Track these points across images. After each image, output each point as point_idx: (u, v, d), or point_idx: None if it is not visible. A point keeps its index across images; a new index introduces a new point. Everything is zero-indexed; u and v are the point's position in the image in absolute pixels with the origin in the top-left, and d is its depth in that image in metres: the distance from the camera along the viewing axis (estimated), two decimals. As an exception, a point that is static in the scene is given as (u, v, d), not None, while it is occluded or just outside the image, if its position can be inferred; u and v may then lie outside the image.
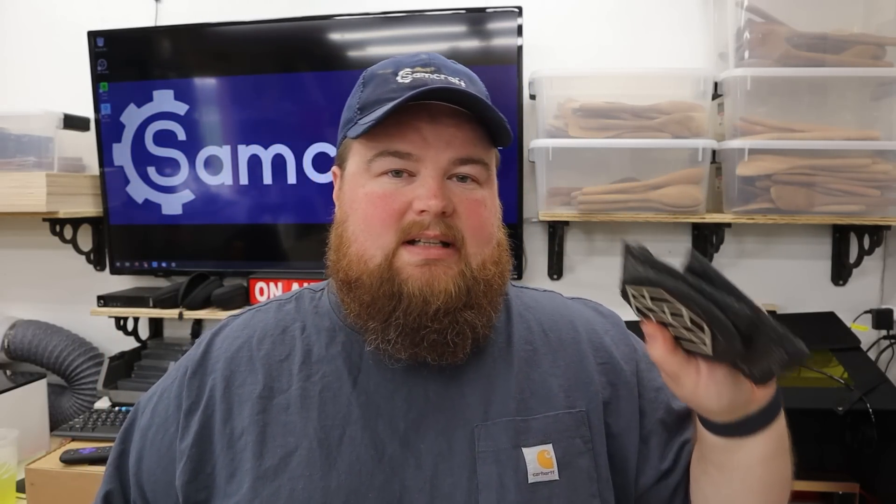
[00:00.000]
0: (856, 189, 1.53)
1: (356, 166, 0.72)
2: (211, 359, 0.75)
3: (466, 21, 1.71)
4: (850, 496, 1.33)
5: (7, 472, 1.49)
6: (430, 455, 0.68)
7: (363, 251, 0.69)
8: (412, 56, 0.74)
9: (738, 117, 1.55)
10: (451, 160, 0.69)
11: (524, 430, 0.70)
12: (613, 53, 1.79)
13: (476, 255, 0.70)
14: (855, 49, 1.53)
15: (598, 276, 1.85)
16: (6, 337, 1.97)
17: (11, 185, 1.75)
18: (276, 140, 1.81)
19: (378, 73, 0.74)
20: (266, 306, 0.81)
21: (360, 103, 0.73)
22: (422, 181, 0.68)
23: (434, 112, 0.69)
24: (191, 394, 0.73)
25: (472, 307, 0.69)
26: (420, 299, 0.67)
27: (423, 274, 0.67)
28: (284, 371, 0.73)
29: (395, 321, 0.67)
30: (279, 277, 1.83)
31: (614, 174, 1.63)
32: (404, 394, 0.71)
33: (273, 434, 0.69)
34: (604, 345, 0.78)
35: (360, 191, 0.70)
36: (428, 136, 0.68)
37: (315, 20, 1.78)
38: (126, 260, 1.93)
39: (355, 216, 0.71)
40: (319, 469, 0.67)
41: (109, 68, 1.86)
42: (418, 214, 0.67)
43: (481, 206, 0.71)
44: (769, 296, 1.79)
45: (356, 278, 0.69)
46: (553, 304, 0.82)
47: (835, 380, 1.36)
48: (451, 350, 0.69)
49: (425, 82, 0.69)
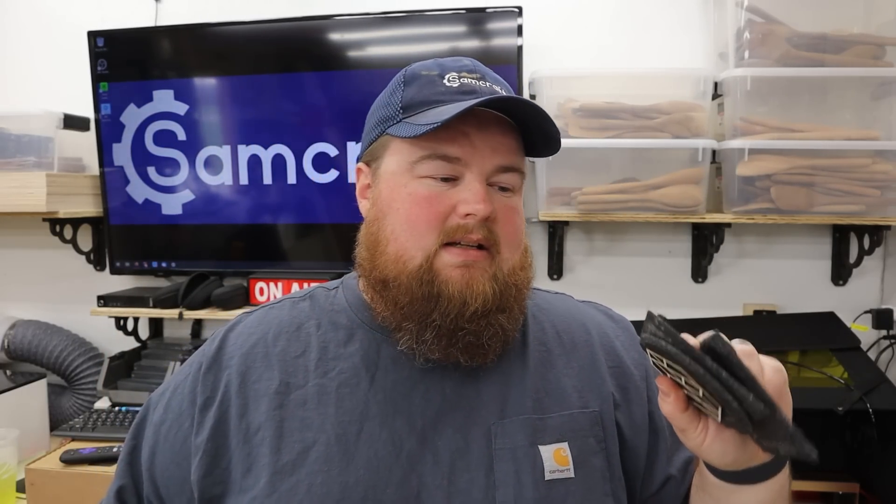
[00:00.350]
0: (856, 189, 1.53)
1: (397, 165, 0.72)
2: (226, 354, 0.76)
3: (466, 21, 1.71)
4: (850, 496, 1.33)
5: (7, 472, 1.49)
6: (447, 452, 0.69)
7: (403, 251, 0.69)
8: (455, 60, 0.75)
9: (738, 117, 1.55)
10: (496, 167, 0.70)
11: (541, 428, 0.71)
12: (613, 53, 1.79)
13: (508, 259, 0.71)
14: (855, 49, 1.53)
15: (598, 276, 1.85)
16: (6, 337, 1.97)
17: (11, 185, 1.75)
18: (276, 140, 1.81)
19: (422, 73, 0.74)
20: (280, 303, 0.81)
21: (402, 102, 0.72)
22: (467, 185, 0.69)
23: (482, 118, 0.70)
24: (206, 389, 0.73)
25: (504, 310, 0.70)
26: (459, 301, 0.67)
27: (462, 276, 0.68)
28: (300, 367, 0.73)
29: (432, 322, 0.68)
30: (279, 277, 1.83)
31: (614, 174, 1.63)
32: (422, 392, 0.71)
33: (290, 429, 0.70)
34: (614, 349, 0.79)
35: (403, 190, 0.70)
36: (476, 142, 0.69)
37: (315, 20, 1.78)
38: (126, 260, 1.93)
39: (396, 216, 0.70)
40: (337, 464, 0.68)
41: (109, 68, 1.86)
42: (463, 218, 0.68)
43: (516, 213, 0.73)
44: (769, 296, 1.79)
45: (394, 278, 0.70)
46: (565, 307, 0.83)
47: (835, 380, 1.36)
48: (483, 352, 0.70)
49: (474, 89, 0.71)
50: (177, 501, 0.75)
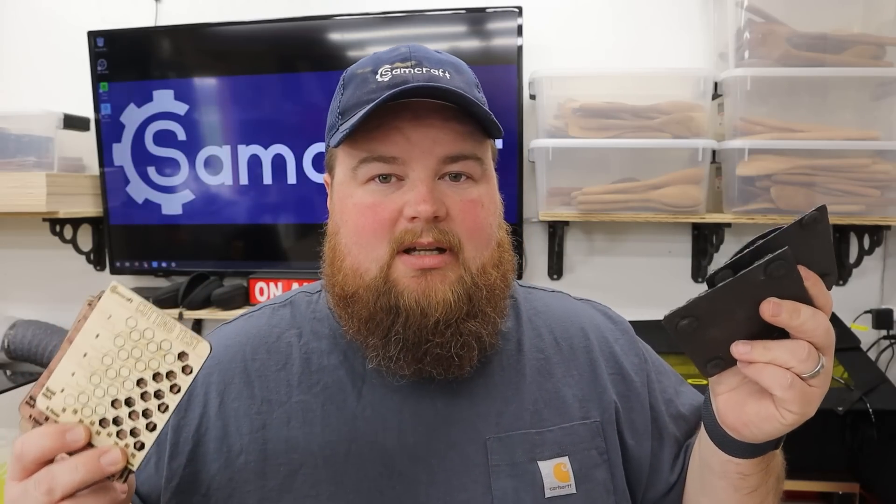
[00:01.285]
0: (856, 189, 1.53)
1: (343, 174, 0.68)
2: (202, 370, 0.71)
3: (466, 21, 1.71)
4: (850, 496, 1.33)
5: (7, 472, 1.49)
6: (442, 470, 0.65)
7: (358, 264, 0.66)
8: (391, 51, 0.69)
9: (738, 117, 1.55)
10: (440, 159, 0.64)
11: (539, 443, 0.68)
12: (613, 53, 1.79)
13: (475, 258, 0.65)
14: (855, 49, 1.53)
15: (598, 276, 1.85)
16: (6, 337, 1.97)
17: (11, 185, 1.75)
18: (276, 140, 1.80)
19: (357, 72, 0.70)
20: (259, 311, 0.76)
21: (340, 107, 0.69)
22: (410, 185, 0.64)
23: (417, 110, 0.64)
24: (179, 409, 0.67)
25: (475, 316, 0.65)
26: (418, 312, 0.63)
27: (418, 285, 0.63)
28: (282, 381, 0.69)
29: (394, 336, 0.64)
30: (279, 277, 1.83)
31: (614, 174, 1.63)
32: (412, 406, 0.67)
33: (275, 451, 0.66)
34: (614, 354, 0.76)
35: (349, 201, 0.67)
36: (412, 137, 0.64)
37: (315, 20, 1.77)
38: (126, 260, 1.93)
39: (346, 228, 0.67)
40: (326, 488, 0.64)
41: (109, 68, 1.86)
42: (410, 221, 0.63)
43: (477, 205, 0.66)
44: (769, 296, 1.78)
45: (353, 293, 0.66)
46: (563, 309, 0.79)
47: (835, 380, 1.37)
48: (456, 364, 0.65)
49: (405, 79, 0.65)
50: None
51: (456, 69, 0.69)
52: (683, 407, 0.78)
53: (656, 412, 0.75)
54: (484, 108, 0.65)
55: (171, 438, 0.67)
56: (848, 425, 1.30)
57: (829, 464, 1.34)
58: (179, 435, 0.68)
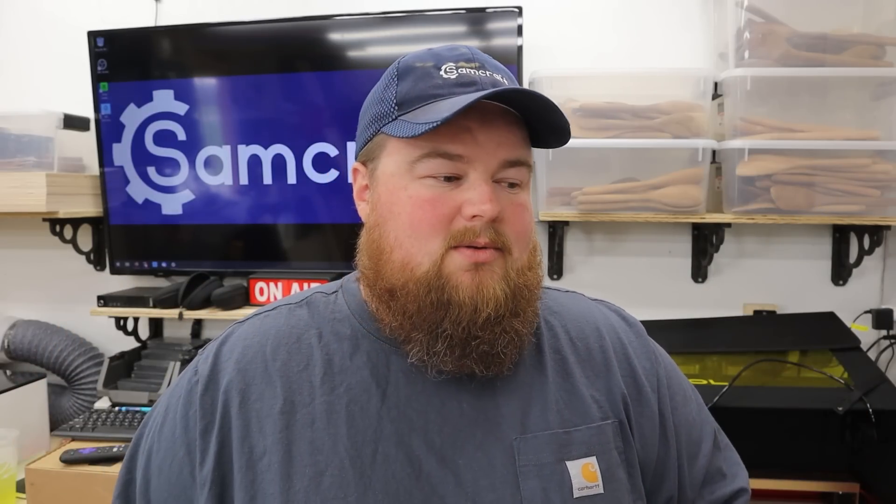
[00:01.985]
0: (856, 189, 1.53)
1: (396, 166, 0.67)
2: (221, 371, 0.69)
3: (466, 21, 1.71)
4: (850, 496, 1.32)
5: (7, 472, 1.49)
6: (469, 471, 0.65)
7: (409, 258, 0.65)
8: (451, 49, 0.69)
9: (738, 117, 1.55)
10: (501, 163, 0.66)
11: (567, 443, 0.67)
12: (613, 53, 1.79)
13: (518, 259, 0.67)
14: (855, 49, 1.53)
15: (599, 276, 1.85)
16: (6, 337, 1.97)
17: (11, 185, 1.75)
18: (276, 140, 1.80)
19: (416, 65, 0.68)
20: (275, 310, 0.75)
21: (398, 97, 0.67)
22: (472, 184, 0.64)
23: (485, 112, 0.65)
24: (205, 413, 0.68)
25: (518, 315, 0.66)
26: (470, 307, 0.63)
27: (472, 280, 0.64)
28: (304, 382, 0.68)
29: (443, 332, 0.64)
30: (279, 277, 1.83)
31: (614, 174, 1.63)
32: (437, 407, 0.67)
33: (300, 453, 0.65)
34: (627, 356, 0.76)
35: (403, 193, 0.66)
36: (479, 138, 0.64)
37: (315, 20, 1.78)
38: (126, 260, 1.93)
39: (398, 221, 0.66)
40: (354, 490, 0.63)
41: (109, 68, 1.86)
42: (469, 220, 0.64)
43: (525, 210, 0.69)
44: (769, 296, 1.79)
45: (402, 286, 0.65)
46: (578, 309, 0.79)
47: (835, 380, 1.36)
48: (499, 361, 0.66)
49: (473, 80, 0.66)
50: None
51: (510, 77, 0.70)
52: (689, 416, 0.78)
53: (665, 418, 0.75)
54: (565, 116, 0.67)
55: (200, 444, 0.67)
56: (848, 425, 1.30)
57: (829, 464, 1.34)
58: (207, 439, 0.67)
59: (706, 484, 0.77)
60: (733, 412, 1.29)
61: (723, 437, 0.82)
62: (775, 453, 1.33)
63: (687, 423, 0.77)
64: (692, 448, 0.77)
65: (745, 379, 1.38)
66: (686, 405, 0.78)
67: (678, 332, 1.65)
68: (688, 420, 0.77)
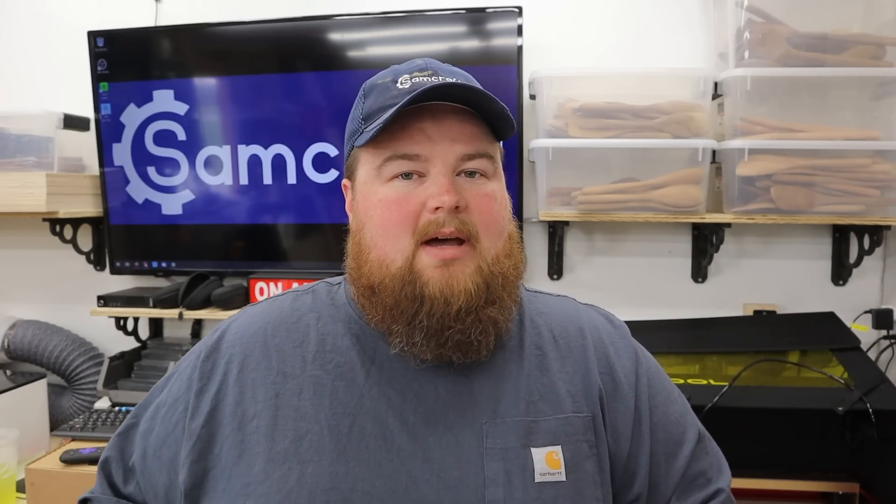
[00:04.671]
0: (856, 189, 1.53)
1: (367, 174, 0.74)
2: (225, 343, 0.78)
3: (466, 21, 1.71)
4: (850, 496, 1.33)
5: (7, 472, 1.49)
6: (438, 448, 0.70)
7: (384, 256, 0.71)
8: (409, 63, 0.76)
9: (738, 117, 1.55)
10: (459, 156, 0.71)
11: (534, 431, 0.71)
12: (613, 53, 1.79)
13: (489, 248, 0.71)
14: (855, 49, 1.53)
15: (598, 277, 1.85)
16: (6, 337, 1.97)
17: (11, 185, 1.75)
18: (276, 140, 1.80)
19: (378, 83, 0.76)
20: (283, 296, 0.83)
21: (363, 114, 0.75)
22: (433, 180, 0.70)
23: (436, 112, 0.71)
24: (203, 376, 0.76)
25: (493, 302, 0.71)
26: (441, 301, 0.68)
27: (442, 275, 0.69)
28: (297, 357, 0.75)
29: (419, 323, 0.69)
30: (279, 277, 1.83)
31: (614, 174, 1.63)
32: (415, 389, 0.72)
33: (285, 417, 0.71)
34: (607, 354, 0.79)
35: (374, 198, 0.72)
36: (433, 135, 0.70)
37: (315, 20, 1.78)
38: (126, 260, 1.93)
39: (372, 223, 0.72)
40: (329, 455, 0.69)
41: (109, 68, 1.86)
42: (433, 213, 0.69)
43: (491, 199, 0.73)
44: (769, 296, 1.79)
45: (379, 282, 0.71)
46: (564, 310, 0.83)
47: (835, 380, 1.36)
48: (475, 348, 0.71)
49: (424, 85, 0.70)
50: (155, 481, 0.77)
51: (467, 80, 0.75)
52: (671, 416, 0.80)
53: (640, 415, 0.77)
54: (500, 102, 0.70)
55: (193, 403, 0.75)
56: (848, 425, 1.30)
57: (829, 464, 1.34)
58: (200, 399, 0.75)
59: (687, 488, 0.78)
60: (733, 412, 1.30)
61: (711, 444, 0.83)
62: (775, 453, 1.33)
63: (667, 423, 0.79)
64: (671, 447, 0.78)
65: (745, 379, 1.38)
66: (668, 405, 0.80)
67: (678, 332, 1.65)
68: (668, 419, 0.79)
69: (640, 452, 0.76)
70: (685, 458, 0.78)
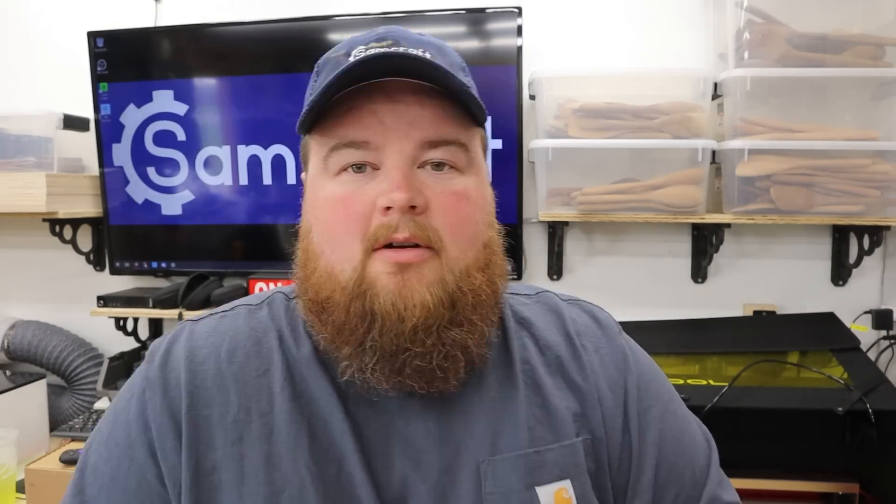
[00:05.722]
0: (855, 189, 1.53)
1: (315, 167, 0.61)
2: (171, 371, 0.62)
3: (466, 21, 1.71)
4: (850, 496, 1.32)
5: (7, 473, 1.49)
6: (431, 498, 0.59)
7: (331, 266, 0.58)
8: (368, 33, 0.63)
9: (738, 118, 1.55)
10: (418, 144, 0.57)
11: (538, 465, 0.60)
12: (613, 53, 1.79)
13: (458, 259, 0.58)
14: (855, 49, 1.52)
15: (598, 277, 1.85)
16: (6, 337, 1.97)
17: (11, 185, 1.75)
18: (276, 140, 1.80)
19: (331, 57, 0.63)
20: (233, 310, 0.68)
21: (312, 95, 0.61)
22: (384, 173, 0.57)
23: (392, 91, 0.58)
24: (156, 413, 0.61)
25: (459, 324, 0.58)
26: (394, 315, 0.56)
27: (395, 284, 0.56)
28: (263, 389, 0.61)
29: (370, 344, 0.57)
30: (279, 278, 1.83)
31: (614, 174, 1.63)
32: (401, 427, 0.61)
33: (254, 468, 0.58)
34: (592, 366, 0.67)
35: (321, 195, 0.60)
36: (386, 119, 0.57)
37: (315, 20, 1.77)
38: (126, 260, 1.93)
39: (318, 225, 0.60)
40: None
41: (109, 68, 1.86)
42: (384, 213, 0.56)
43: (461, 198, 0.59)
44: (769, 296, 1.78)
45: (326, 297, 0.59)
46: (546, 314, 0.71)
47: (834, 380, 1.36)
48: (440, 377, 0.58)
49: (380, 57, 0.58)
50: None
51: (438, 50, 0.62)
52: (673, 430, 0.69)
53: (631, 435, 0.66)
54: (462, 80, 0.58)
55: (160, 448, 0.60)
56: (848, 425, 1.30)
57: (829, 464, 1.34)
58: (165, 444, 0.60)
59: None
60: (733, 412, 1.29)
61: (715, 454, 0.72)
62: (775, 453, 1.33)
63: (665, 435, 0.67)
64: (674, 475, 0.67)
65: (744, 379, 1.38)
66: (665, 414, 0.68)
67: (678, 332, 1.65)
68: (667, 433, 0.68)
69: (641, 473, 0.65)
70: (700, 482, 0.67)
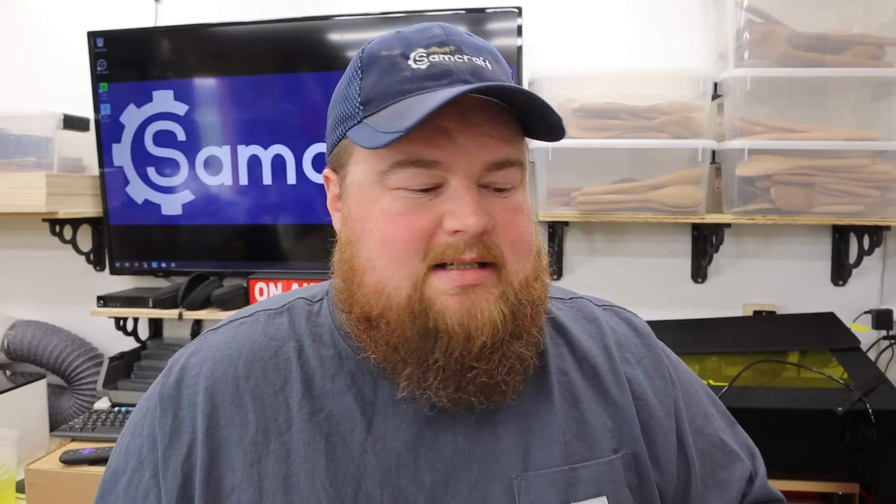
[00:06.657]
0: (855, 189, 1.53)
1: (365, 177, 0.58)
2: (186, 388, 0.61)
3: (466, 21, 1.71)
4: (850, 496, 1.33)
5: (7, 473, 1.49)
6: None
7: (384, 282, 0.57)
8: (422, 31, 0.59)
9: (738, 118, 1.55)
10: (486, 166, 0.56)
11: (573, 482, 0.59)
12: (613, 54, 1.79)
13: (517, 272, 0.58)
14: (855, 49, 1.53)
15: (598, 277, 1.85)
16: (6, 337, 1.97)
17: (11, 185, 1.75)
18: (276, 140, 1.80)
19: (381, 54, 0.58)
20: (252, 317, 0.66)
21: (361, 95, 0.58)
22: (453, 194, 0.55)
23: (462, 109, 0.55)
24: (164, 436, 0.60)
25: (519, 336, 0.57)
26: (462, 335, 0.55)
27: (461, 304, 0.55)
28: (281, 406, 0.60)
29: (433, 364, 0.56)
30: (279, 278, 1.83)
31: (614, 174, 1.63)
32: (429, 440, 0.59)
33: (272, 490, 0.57)
34: (637, 377, 0.67)
35: (375, 207, 0.57)
36: (458, 139, 0.55)
37: (315, 20, 1.77)
38: (126, 260, 1.93)
39: (370, 238, 0.57)
40: None
41: (109, 68, 1.86)
42: (451, 235, 0.55)
43: (520, 214, 0.59)
44: (769, 296, 1.78)
45: (378, 314, 0.57)
46: (582, 321, 0.70)
47: (834, 380, 1.36)
48: (500, 391, 0.58)
49: (447, 69, 0.56)
50: None
51: (494, 58, 0.61)
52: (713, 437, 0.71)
53: (684, 444, 0.67)
54: (556, 113, 0.56)
55: (161, 466, 0.60)
56: (848, 425, 1.30)
57: (829, 464, 1.34)
58: (168, 466, 0.59)
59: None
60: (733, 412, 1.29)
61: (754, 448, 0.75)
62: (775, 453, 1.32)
63: (711, 446, 0.70)
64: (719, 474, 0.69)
65: (744, 379, 1.38)
66: (708, 424, 0.70)
67: (678, 332, 1.65)
68: (712, 442, 0.70)
69: (690, 486, 0.66)
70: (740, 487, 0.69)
